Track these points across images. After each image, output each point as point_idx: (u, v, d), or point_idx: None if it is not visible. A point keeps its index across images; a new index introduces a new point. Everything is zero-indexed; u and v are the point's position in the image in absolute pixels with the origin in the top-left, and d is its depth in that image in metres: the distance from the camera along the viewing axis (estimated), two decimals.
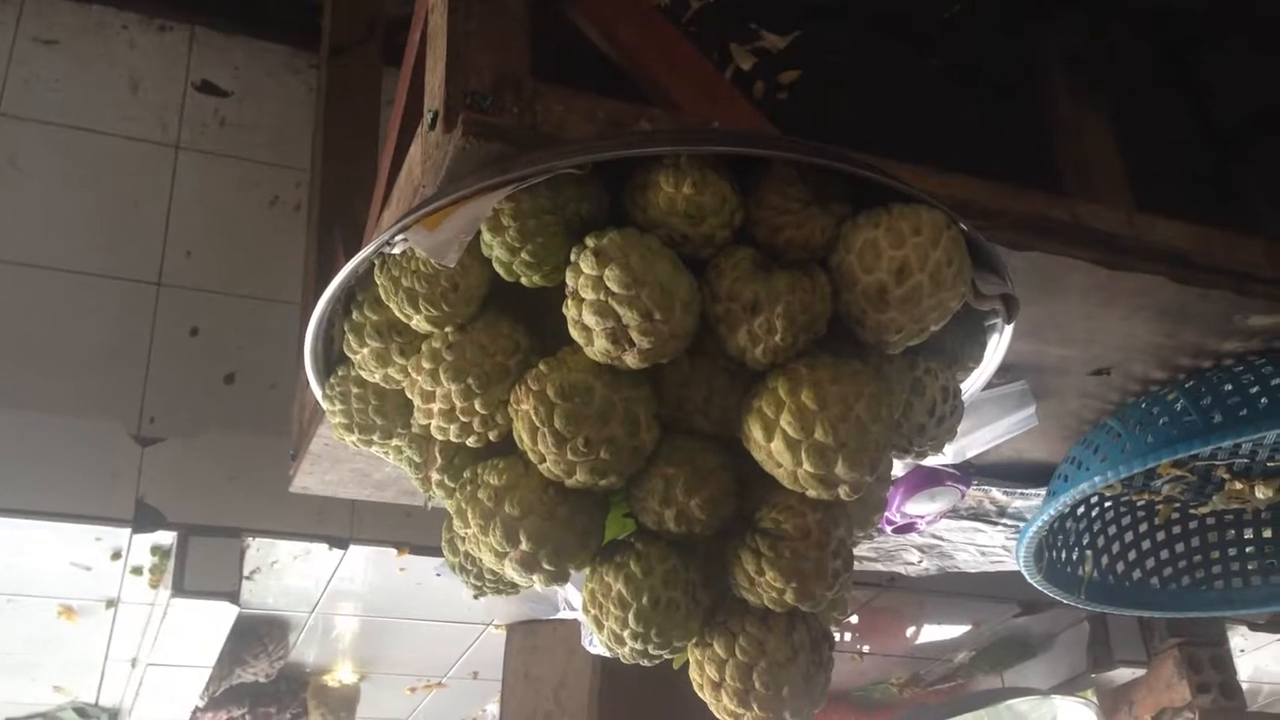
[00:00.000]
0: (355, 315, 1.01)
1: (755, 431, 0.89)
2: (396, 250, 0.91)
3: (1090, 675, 2.76)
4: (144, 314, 2.07)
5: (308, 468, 1.42)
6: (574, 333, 0.87)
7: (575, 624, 2.23)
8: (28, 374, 1.88)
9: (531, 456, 0.90)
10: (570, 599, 1.55)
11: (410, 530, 1.93)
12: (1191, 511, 1.63)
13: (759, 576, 0.91)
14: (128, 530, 1.76)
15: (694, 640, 0.95)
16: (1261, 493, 1.56)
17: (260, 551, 1.90)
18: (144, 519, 1.74)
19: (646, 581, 0.92)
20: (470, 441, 0.96)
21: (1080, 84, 2.51)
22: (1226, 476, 1.56)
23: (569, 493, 0.92)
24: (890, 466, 1.08)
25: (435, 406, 0.94)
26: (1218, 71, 2.65)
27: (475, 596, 1.08)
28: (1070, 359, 1.28)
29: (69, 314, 1.96)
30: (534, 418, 0.88)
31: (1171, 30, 2.55)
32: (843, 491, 0.88)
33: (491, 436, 0.96)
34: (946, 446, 1.42)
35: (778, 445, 0.87)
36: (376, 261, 0.95)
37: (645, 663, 0.96)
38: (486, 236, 0.89)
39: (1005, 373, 1.31)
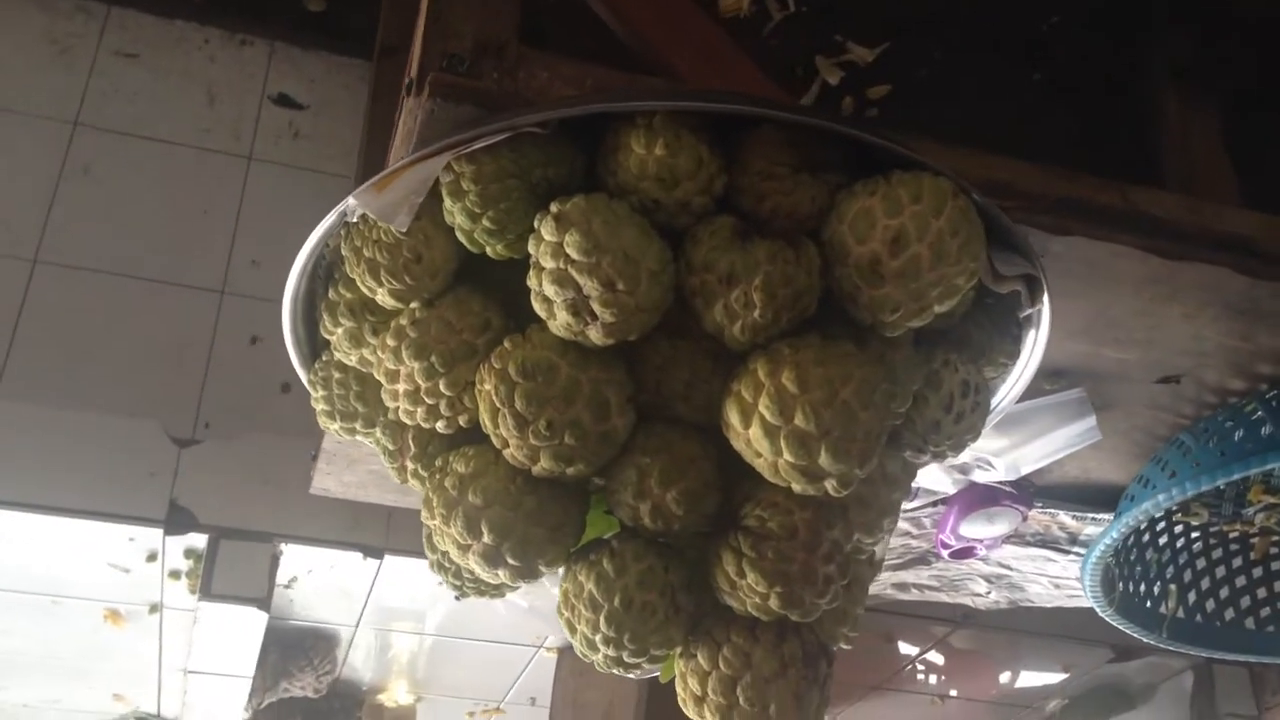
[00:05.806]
0: (331, 293, 0.96)
1: (733, 417, 0.80)
2: (355, 219, 0.86)
3: None
4: (206, 321, 2.07)
5: (324, 468, 1.38)
6: (536, 306, 0.81)
7: None
8: (83, 375, 1.89)
9: (495, 441, 0.84)
10: None
11: None
12: None
13: (740, 579, 0.82)
14: (160, 531, 1.75)
15: (679, 651, 0.87)
16: None
17: (295, 559, 1.87)
18: (176, 520, 1.72)
19: (619, 582, 0.84)
20: (440, 426, 0.90)
21: (1189, 92, 2.38)
22: None
23: (539, 483, 0.85)
24: (907, 468, 0.98)
25: (400, 387, 0.89)
26: None
27: (457, 598, 1.01)
28: (1129, 363, 1.16)
29: (129, 318, 1.97)
30: (495, 398, 0.82)
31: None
32: (830, 486, 0.79)
33: (461, 421, 0.89)
34: (997, 461, 1.30)
35: (755, 432, 0.79)
36: (343, 232, 0.90)
37: (620, 672, 0.88)
38: (448, 203, 0.84)
39: (1057, 378, 1.19)
